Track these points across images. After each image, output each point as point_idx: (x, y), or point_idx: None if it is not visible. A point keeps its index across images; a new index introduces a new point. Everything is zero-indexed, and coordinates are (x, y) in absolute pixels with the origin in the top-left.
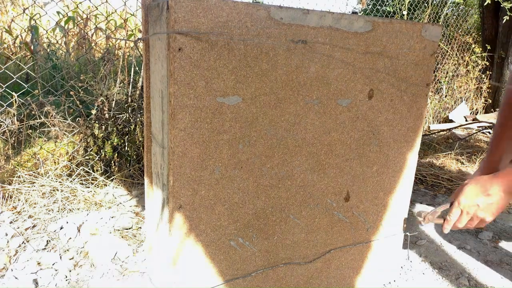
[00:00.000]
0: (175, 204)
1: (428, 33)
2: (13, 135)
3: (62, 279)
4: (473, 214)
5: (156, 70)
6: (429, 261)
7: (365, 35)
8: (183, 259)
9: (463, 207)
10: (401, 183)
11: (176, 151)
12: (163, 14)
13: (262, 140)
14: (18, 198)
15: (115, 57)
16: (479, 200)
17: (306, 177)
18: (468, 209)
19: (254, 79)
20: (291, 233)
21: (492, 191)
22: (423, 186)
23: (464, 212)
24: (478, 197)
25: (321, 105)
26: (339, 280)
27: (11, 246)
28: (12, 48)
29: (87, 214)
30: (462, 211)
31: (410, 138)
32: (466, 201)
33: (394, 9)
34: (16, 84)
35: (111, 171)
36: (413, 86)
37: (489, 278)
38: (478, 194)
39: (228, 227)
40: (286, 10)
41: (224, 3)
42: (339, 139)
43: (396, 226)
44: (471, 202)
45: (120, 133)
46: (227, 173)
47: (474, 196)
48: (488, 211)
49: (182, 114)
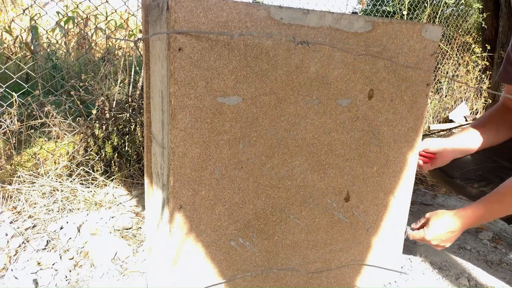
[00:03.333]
0: (175, 204)
1: (428, 33)
2: (14, 135)
3: (62, 279)
4: (437, 243)
5: (156, 70)
6: (429, 261)
7: (365, 35)
8: (183, 259)
9: (430, 239)
10: (402, 183)
11: (177, 151)
12: (163, 14)
13: (262, 140)
14: (18, 198)
15: (115, 57)
16: (443, 236)
17: (306, 177)
18: (433, 241)
19: (254, 79)
20: (291, 233)
21: (454, 229)
22: (423, 186)
23: (429, 242)
24: (442, 234)
25: (321, 105)
26: (339, 280)
27: (11, 246)
28: (12, 48)
29: (87, 214)
30: (428, 241)
31: (411, 138)
32: (432, 235)
33: (394, 9)
34: (16, 84)
35: (111, 171)
36: (413, 86)
37: (489, 278)
38: (442, 231)
39: (228, 227)
40: (286, 10)
41: (224, 3)
42: (339, 139)
43: (396, 226)
44: (436, 237)
45: (120, 133)
46: (227, 173)
47: (439, 232)
48: (449, 242)
49: (182, 114)
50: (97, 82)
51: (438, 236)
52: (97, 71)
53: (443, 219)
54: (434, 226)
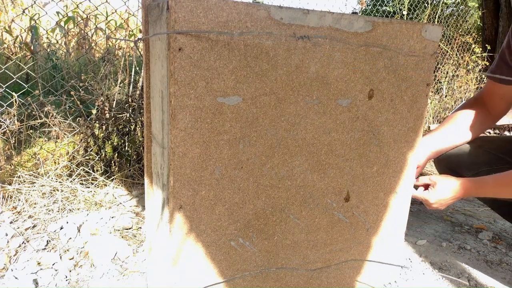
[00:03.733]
0: (175, 204)
1: (428, 33)
2: (14, 135)
3: (62, 279)
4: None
5: (156, 70)
6: (429, 261)
7: (365, 35)
8: (183, 259)
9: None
10: (402, 183)
11: (177, 151)
12: (163, 14)
13: (262, 140)
14: (18, 198)
15: (115, 57)
16: (445, 201)
17: (306, 177)
18: (434, 204)
19: (254, 79)
20: (291, 233)
21: (456, 196)
22: None
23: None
24: (447, 199)
25: (321, 105)
26: (339, 280)
27: (11, 246)
28: (12, 48)
29: (87, 214)
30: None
31: (411, 138)
32: (437, 198)
33: (394, 9)
34: (16, 84)
35: (111, 171)
36: (413, 86)
37: (489, 278)
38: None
39: (228, 227)
40: (286, 10)
41: (224, 3)
42: (339, 139)
43: (396, 226)
44: (440, 200)
45: (120, 133)
46: (227, 173)
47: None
48: (445, 206)
49: (182, 114)
50: (97, 82)
51: (441, 200)
52: (97, 71)
53: (451, 185)
54: (441, 191)
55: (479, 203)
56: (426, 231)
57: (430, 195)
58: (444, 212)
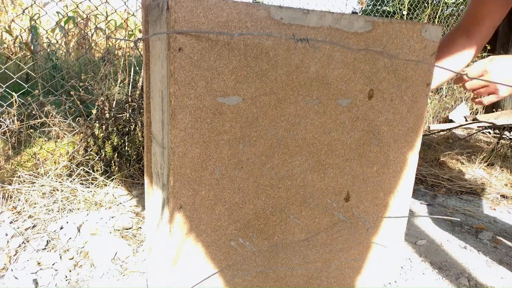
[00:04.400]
0: (175, 204)
1: (428, 33)
2: (14, 135)
3: (62, 279)
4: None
5: (156, 70)
6: (429, 261)
7: (365, 35)
8: (183, 259)
9: (491, 73)
10: (402, 183)
11: (177, 151)
12: (163, 14)
13: (262, 140)
14: (18, 198)
15: (115, 57)
16: (508, 75)
17: (306, 177)
18: (492, 76)
19: (254, 79)
20: (291, 233)
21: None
22: (423, 186)
23: (486, 76)
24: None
25: (321, 105)
26: (339, 280)
27: (11, 246)
28: (12, 48)
29: (87, 214)
30: (485, 75)
31: (411, 138)
32: (495, 69)
33: (394, 9)
34: (16, 84)
35: (111, 171)
36: (413, 86)
37: (489, 278)
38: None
39: (228, 227)
40: (286, 10)
41: (224, 3)
42: (339, 139)
43: (396, 226)
44: (499, 73)
45: (120, 133)
46: (227, 173)
47: (507, 68)
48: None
49: (182, 114)
50: (97, 82)
51: (501, 73)
52: (97, 71)
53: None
54: (500, 62)
55: (479, 203)
56: (426, 231)
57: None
58: (444, 212)
